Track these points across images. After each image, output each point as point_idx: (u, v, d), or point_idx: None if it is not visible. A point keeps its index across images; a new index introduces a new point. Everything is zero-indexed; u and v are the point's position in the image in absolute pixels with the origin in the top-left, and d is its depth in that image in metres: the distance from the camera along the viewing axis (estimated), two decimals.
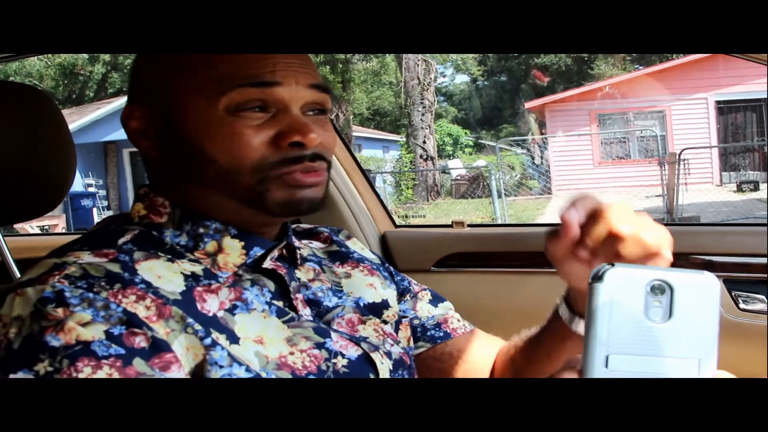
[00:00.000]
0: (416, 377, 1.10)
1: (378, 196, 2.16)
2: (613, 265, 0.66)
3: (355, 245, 1.22)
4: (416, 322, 1.20)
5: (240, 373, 0.85)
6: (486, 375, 1.21)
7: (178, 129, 0.94)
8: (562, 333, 1.03)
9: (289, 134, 0.92)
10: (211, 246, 0.95)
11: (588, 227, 0.82)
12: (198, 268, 0.92)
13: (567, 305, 1.02)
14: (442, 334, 1.20)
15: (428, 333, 1.20)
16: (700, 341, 0.66)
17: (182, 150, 0.94)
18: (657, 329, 0.65)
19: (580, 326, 1.00)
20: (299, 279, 1.03)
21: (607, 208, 0.82)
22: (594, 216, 0.82)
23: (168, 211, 0.96)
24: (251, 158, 0.91)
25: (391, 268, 1.23)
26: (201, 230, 0.96)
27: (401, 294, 1.19)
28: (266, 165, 0.91)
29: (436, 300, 1.24)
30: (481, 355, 1.21)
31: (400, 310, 1.18)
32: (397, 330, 1.11)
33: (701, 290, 0.66)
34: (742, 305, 1.66)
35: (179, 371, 0.82)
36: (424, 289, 1.25)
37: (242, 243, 0.96)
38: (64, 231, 12.66)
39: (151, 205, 0.97)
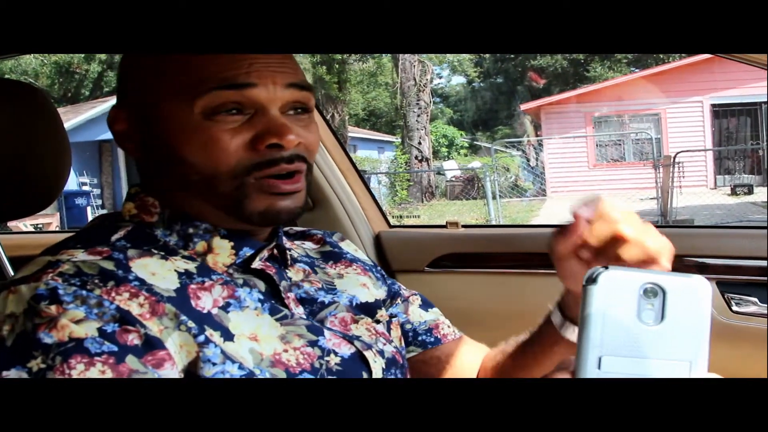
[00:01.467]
0: (409, 376, 1.11)
1: (373, 196, 2.17)
2: (607, 267, 0.66)
3: (349, 247, 1.22)
4: (408, 326, 1.20)
5: (233, 370, 0.85)
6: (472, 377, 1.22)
7: (157, 133, 0.94)
8: (552, 338, 1.04)
9: (266, 136, 0.90)
10: (200, 246, 0.95)
11: (595, 226, 0.86)
12: (191, 266, 0.93)
13: (560, 310, 1.03)
14: (432, 339, 1.21)
15: (419, 338, 1.20)
16: (692, 344, 0.66)
17: (162, 154, 0.94)
18: (649, 332, 0.65)
19: (570, 332, 1.01)
20: (291, 279, 1.03)
21: (615, 211, 0.85)
22: (602, 216, 0.86)
23: (158, 211, 0.97)
24: (228, 163, 0.90)
25: (383, 271, 1.23)
26: (191, 230, 0.96)
27: (392, 297, 1.20)
28: (243, 169, 0.90)
29: (426, 305, 1.25)
30: (468, 361, 1.22)
31: (392, 314, 1.19)
32: (388, 330, 1.12)
33: (693, 293, 0.67)
34: (735, 307, 1.67)
35: (172, 368, 0.82)
36: (414, 294, 1.26)
37: (231, 243, 0.96)
38: (57, 229, 12.63)
39: (142, 205, 0.97)
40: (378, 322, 1.09)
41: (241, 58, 0.91)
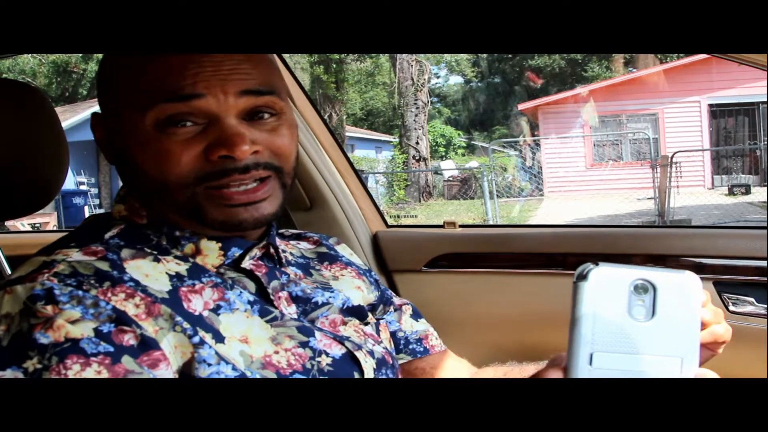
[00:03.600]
0: (401, 375, 1.11)
1: (370, 196, 2.16)
2: (597, 264, 0.66)
3: (344, 250, 1.23)
4: (400, 334, 1.22)
5: (227, 371, 0.85)
6: None
7: (119, 143, 0.94)
8: None
9: (217, 147, 0.89)
10: (188, 248, 0.95)
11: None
12: (183, 268, 0.93)
13: None
14: (422, 349, 1.22)
15: (410, 346, 1.22)
16: (683, 340, 0.67)
17: (124, 163, 0.95)
18: (640, 328, 0.66)
19: None
20: (288, 276, 1.02)
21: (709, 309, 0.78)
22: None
23: (146, 213, 0.97)
24: (177, 173, 0.89)
25: (377, 277, 1.24)
26: (177, 233, 0.96)
27: (384, 304, 1.20)
28: (193, 180, 0.89)
29: (416, 315, 1.26)
30: (449, 375, 1.24)
31: (387, 321, 1.20)
32: (377, 332, 1.12)
33: (683, 290, 0.67)
34: (731, 307, 1.67)
35: (167, 369, 0.82)
36: (406, 304, 1.27)
37: (219, 244, 0.96)
38: (55, 229, 12.61)
39: (131, 207, 0.98)
40: (366, 324, 1.10)
41: (187, 67, 0.88)
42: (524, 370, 1.14)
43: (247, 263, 0.97)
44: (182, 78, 0.88)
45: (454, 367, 1.25)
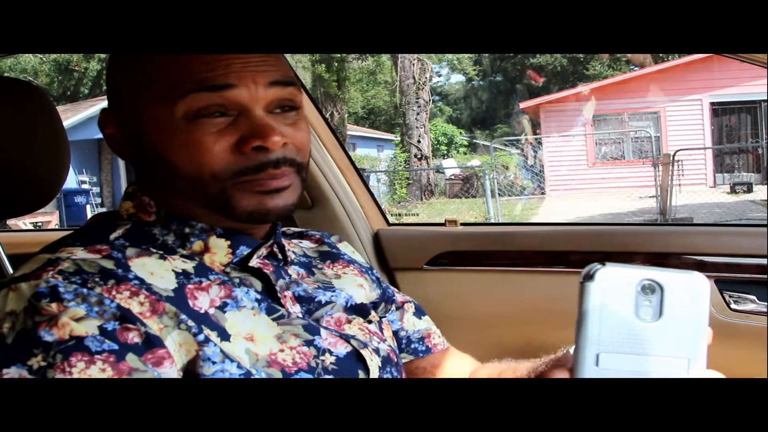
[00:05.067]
0: (404, 374, 1.11)
1: (372, 194, 2.17)
2: (604, 264, 0.66)
3: (346, 248, 1.23)
4: (402, 333, 1.22)
5: (232, 369, 0.85)
6: None
7: (143, 137, 0.93)
8: None
9: (250, 139, 0.89)
10: (197, 245, 0.95)
11: None
12: (189, 266, 0.93)
13: None
14: (424, 348, 1.22)
15: (412, 345, 1.22)
16: (690, 340, 0.66)
17: (149, 157, 0.94)
18: (647, 328, 0.65)
19: None
20: (290, 276, 1.03)
21: None
22: None
23: (155, 210, 0.97)
24: (212, 167, 0.89)
25: (378, 275, 1.24)
26: (187, 230, 0.95)
27: (386, 302, 1.20)
28: (226, 174, 0.89)
29: (419, 312, 1.26)
30: (453, 373, 1.24)
31: (389, 320, 1.20)
32: (380, 329, 1.12)
33: (691, 290, 0.67)
34: (733, 305, 1.67)
35: (171, 367, 0.82)
36: (409, 302, 1.26)
37: (228, 242, 0.96)
38: (57, 227, 12.61)
39: (140, 204, 0.97)
40: (370, 322, 1.10)
41: (219, 58, 0.89)
42: (518, 369, 1.14)
43: (254, 262, 0.97)
44: (213, 68, 0.88)
45: (456, 364, 1.25)
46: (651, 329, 0.66)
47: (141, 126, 0.93)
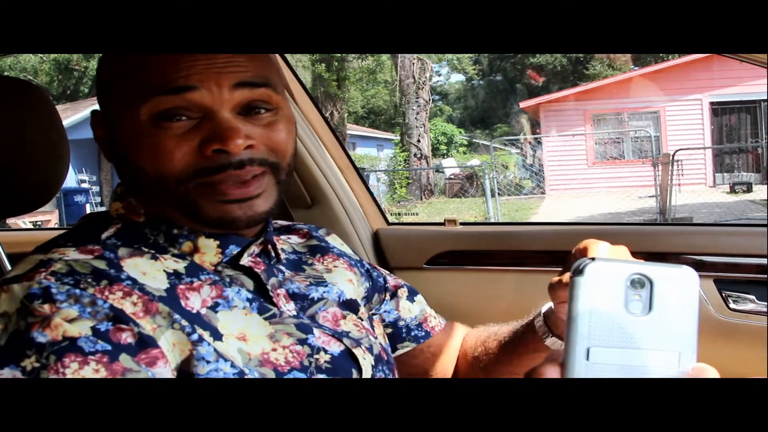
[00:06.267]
0: (396, 373, 1.11)
1: (371, 194, 2.17)
2: (593, 259, 0.66)
3: (335, 241, 1.23)
4: (401, 323, 1.22)
5: (226, 368, 0.85)
6: (453, 363, 1.26)
7: (116, 138, 0.94)
8: (534, 344, 1.06)
9: (210, 142, 0.88)
10: (186, 246, 0.95)
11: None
12: (180, 266, 0.93)
13: (545, 322, 1.04)
14: (423, 333, 1.23)
15: (412, 333, 1.23)
16: (680, 334, 0.66)
17: (120, 159, 0.94)
18: (637, 322, 0.66)
19: (552, 343, 1.03)
20: (283, 273, 1.03)
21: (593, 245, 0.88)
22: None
23: (143, 212, 0.97)
24: (173, 168, 0.88)
25: (368, 265, 1.24)
26: (175, 231, 0.95)
27: (378, 292, 1.20)
28: (187, 175, 0.89)
29: (411, 295, 1.26)
30: (451, 347, 1.25)
31: (384, 311, 1.20)
32: (371, 326, 1.12)
33: (680, 284, 0.67)
34: (732, 305, 1.67)
35: (165, 367, 0.82)
36: (401, 286, 1.26)
37: (217, 242, 0.96)
38: (56, 226, 12.62)
39: (129, 205, 0.97)
40: (361, 319, 1.10)
41: (180, 60, 0.88)
42: (499, 332, 1.17)
43: (245, 260, 0.97)
44: (176, 71, 0.87)
45: (454, 339, 1.27)
46: (641, 323, 0.66)
47: (115, 128, 0.94)
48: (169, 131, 0.88)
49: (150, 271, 0.89)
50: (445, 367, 1.25)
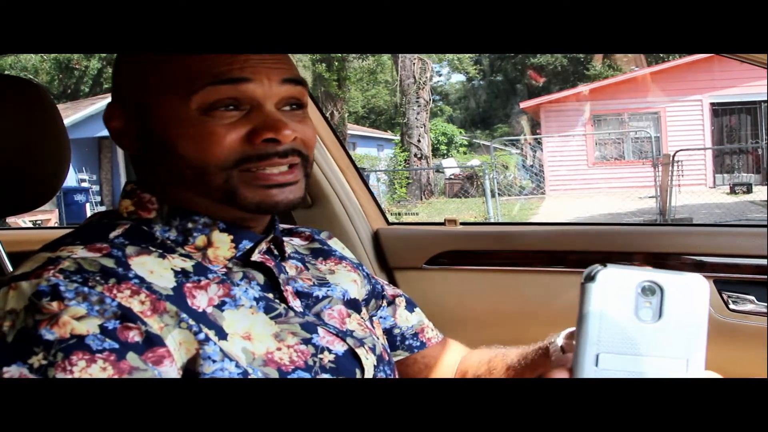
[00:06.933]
0: (397, 373, 1.11)
1: (371, 193, 2.17)
2: (605, 265, 0.66)
3: (336, 245, 1.24)
4: (396, 331, 1.23)
5: (231, 368, 0.85)
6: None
7: (153, 129, 0.94)
8: (545, 370, 1.05)
9: (262, 131, 0.92)
10: (200, 240, 0.96)
11: None
12: (188, 264, 0.93)
13: (562, 350, 1.03)
14: (418, 343, 1.24)
15: (407, 342, 1.23)
16: (689, 342, 0.67)
17: (158, 149, 0.95)
18: (647, 329, 0.66)
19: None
20: (287, 272, 1.03)
21: None
22: None
23: (156, 207, 0.97)
24: (220, 156, 0.91)
25: (367, 270, 1.24)
26: (190, 225, 0.96)
27: (376, 298, 1.21)
28: (233, 161, 0.91)
29: (410, 306, 1.27)
30: (447, 363, 1.25)
31: (380, 317, 1.20)
32: (373, 326, 1.13)
33: (691, 292, 0.67)
34: (732, 306, 1.67)
35: (171, 366, 0.82)
36: (399, 295, 1.27)
37: (231, 236, 0.97)
38: (56, 225, 12.61)
39: (139, 202, 0.98)
40: (363, 318, 1.11)
41: (236, 54, 0.91)
42: (507, 355, 1.15)
43: (256, 256, 0.98)
44: (232, 63, 0.91)
45: (450, 355, 1.26)
46: (650, 330, 0.66)
47: (152, 118, 0.94)
48: (219, 120, 0.91)
49: (157, 269, 0.90)
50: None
